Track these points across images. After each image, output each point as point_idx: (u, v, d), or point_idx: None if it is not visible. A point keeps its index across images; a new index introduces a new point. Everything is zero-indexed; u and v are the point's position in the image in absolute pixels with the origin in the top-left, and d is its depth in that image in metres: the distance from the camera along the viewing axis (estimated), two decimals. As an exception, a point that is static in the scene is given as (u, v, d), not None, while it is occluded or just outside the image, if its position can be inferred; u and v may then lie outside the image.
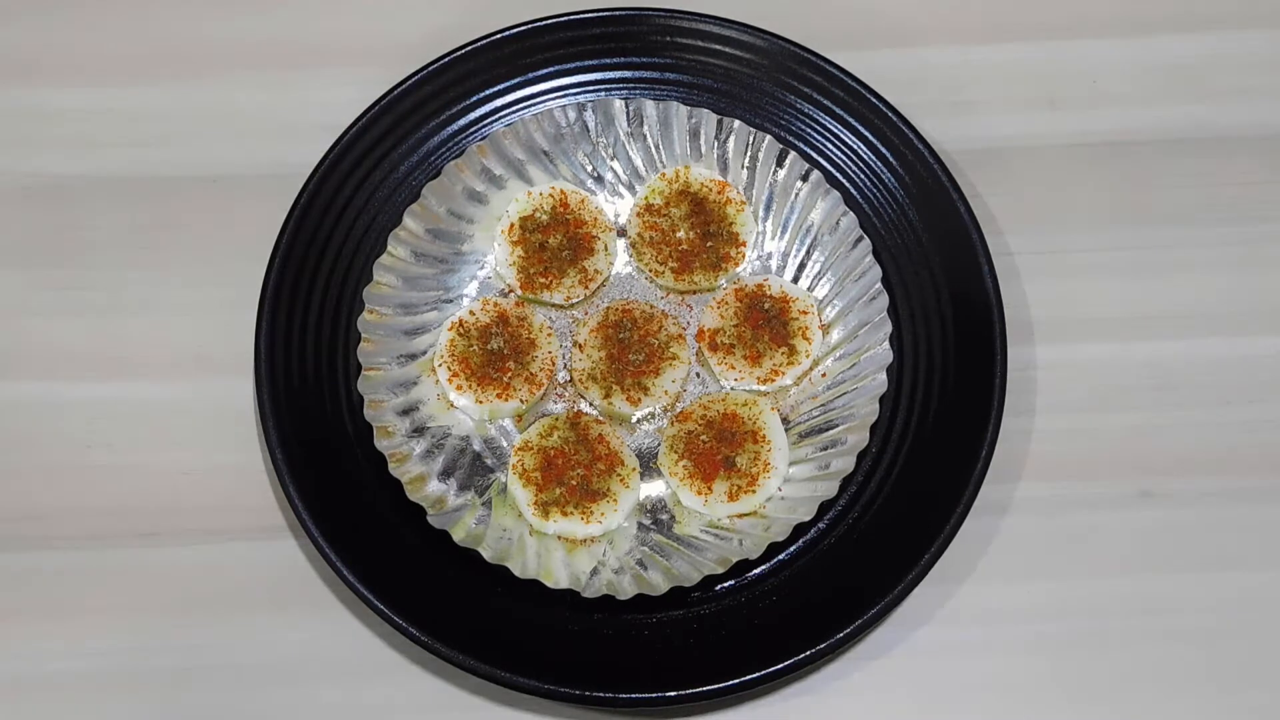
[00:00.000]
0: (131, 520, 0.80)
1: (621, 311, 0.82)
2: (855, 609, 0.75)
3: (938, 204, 0.83)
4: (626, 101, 0.84)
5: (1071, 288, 0.85)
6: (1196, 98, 0.89)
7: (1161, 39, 0.90)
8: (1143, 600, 0.79)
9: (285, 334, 0.80)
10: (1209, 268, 0.85)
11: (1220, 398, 0.82)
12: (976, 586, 0.79)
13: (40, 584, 0.79)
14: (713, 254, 0.83)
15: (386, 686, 0.77)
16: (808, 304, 0.82)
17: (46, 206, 0.86)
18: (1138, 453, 0.81)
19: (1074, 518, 0.80)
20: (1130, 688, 0.77)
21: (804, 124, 0.85)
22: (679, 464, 0.79)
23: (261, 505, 0.80)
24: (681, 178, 0.84)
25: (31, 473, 0.81)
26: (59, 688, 0.77)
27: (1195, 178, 0.87)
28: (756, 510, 0.78)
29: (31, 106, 0.88)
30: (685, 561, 0.76)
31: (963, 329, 0.81)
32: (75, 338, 0.83)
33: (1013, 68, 0.90)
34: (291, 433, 0.78)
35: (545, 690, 0.73)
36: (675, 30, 0.86)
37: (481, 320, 0.81)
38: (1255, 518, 0.80)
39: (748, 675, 0.74)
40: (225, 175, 0.87)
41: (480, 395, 0.80)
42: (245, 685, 0.77)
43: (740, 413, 0.79)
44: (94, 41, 0.90)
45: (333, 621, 0.78)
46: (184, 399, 0.82)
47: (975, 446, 0.77)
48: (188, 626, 0.78)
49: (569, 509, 0.77)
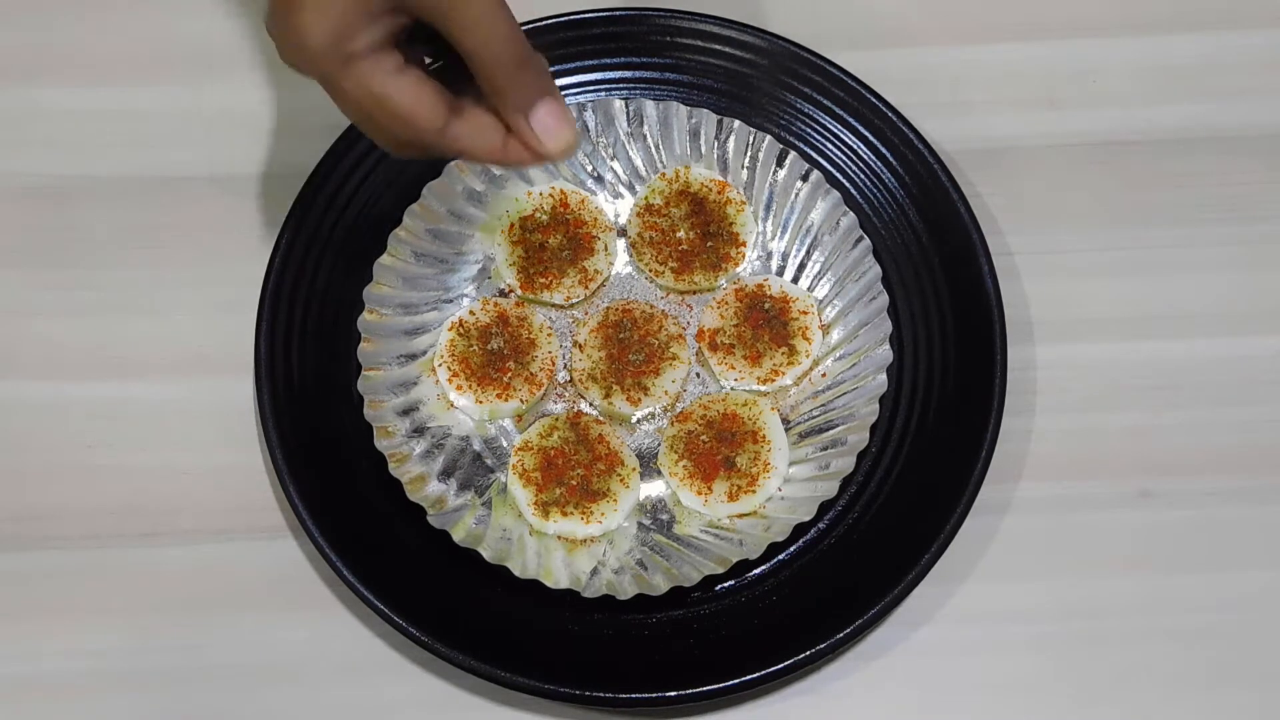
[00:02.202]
0: (131, 520, 0.80)
1: (621, 311, 0.82)
2: (855, 609, 0.75)
3: (938, 204, 0.83)
4: (626, 101, 0.84)
5: (1071, 288, 0.85)
6: (1196, 98, 0.89)
7: (1161, 39, 0.90)
8: (1143, 600, 0.79)
9: (285, 334, 0.80)
10: (1209, 268, 0.85)
11: (1220, 398, 0.82)
12: (976, 586, 0.79)
13: (40, 584, 0.79)
14: (713, 254, 0.83)
15: (386, 686, 0.77)
16: (808, 304, 0.82)
17: (46, 206, 0.86)
18: (1138, 453, 0.81)
19: (1074, 518, 0.80)
20: (1130, 688, 0.77)
21: (804, 124, 0.85)
22: (679, 464, 0.79)
23: (261, 505, 0.80)
24: (681, 178, 0.84)
25: (31, 473, 0.81)
26: (59, 688, 0.77)
27: (1195, 178, 0.87)
28: (756, 510, 0.78)
29: (31, 106, 0.88)
30: (685, 561, 0.76)
31: (963, 329, 0.81)
32: (75, 338, 0.83)
33: (1013, 68, 0.90)
34: (291, 433, 0.78)
35: (545, 690, 0.73)
36: (675, 30, 0.86)
37: (481, 320, 0.81)
38: (1255, 518, 0.80)
39: (748, 675, 0.74)
40: (225, 175, 0.87)
41: (480, 395, 0.80)
42: (245, 685, 0.77)
43: (740, 413, 0.79)
44: (94, 41, 0.90)
45: (333, 621, 0.78)
46: (184, 399, 0.82)
47: (975, 446, 0.77)
48: (188, 626, 0.78)
49: (569, 509, 0.77)
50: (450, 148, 0.66)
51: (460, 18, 0.63)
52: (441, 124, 0.65)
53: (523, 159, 0.67)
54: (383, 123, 0.65)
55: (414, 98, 0.64)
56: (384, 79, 0.64)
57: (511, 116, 0.66)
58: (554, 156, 0.67)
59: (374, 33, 0.63)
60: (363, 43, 0.63)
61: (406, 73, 0.65)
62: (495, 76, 0.64)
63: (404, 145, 0.67)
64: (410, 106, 0.64)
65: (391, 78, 0.64)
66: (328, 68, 0.64)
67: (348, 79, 0.64)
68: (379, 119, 0.65)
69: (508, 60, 0.64)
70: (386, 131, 0.66)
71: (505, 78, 0.64)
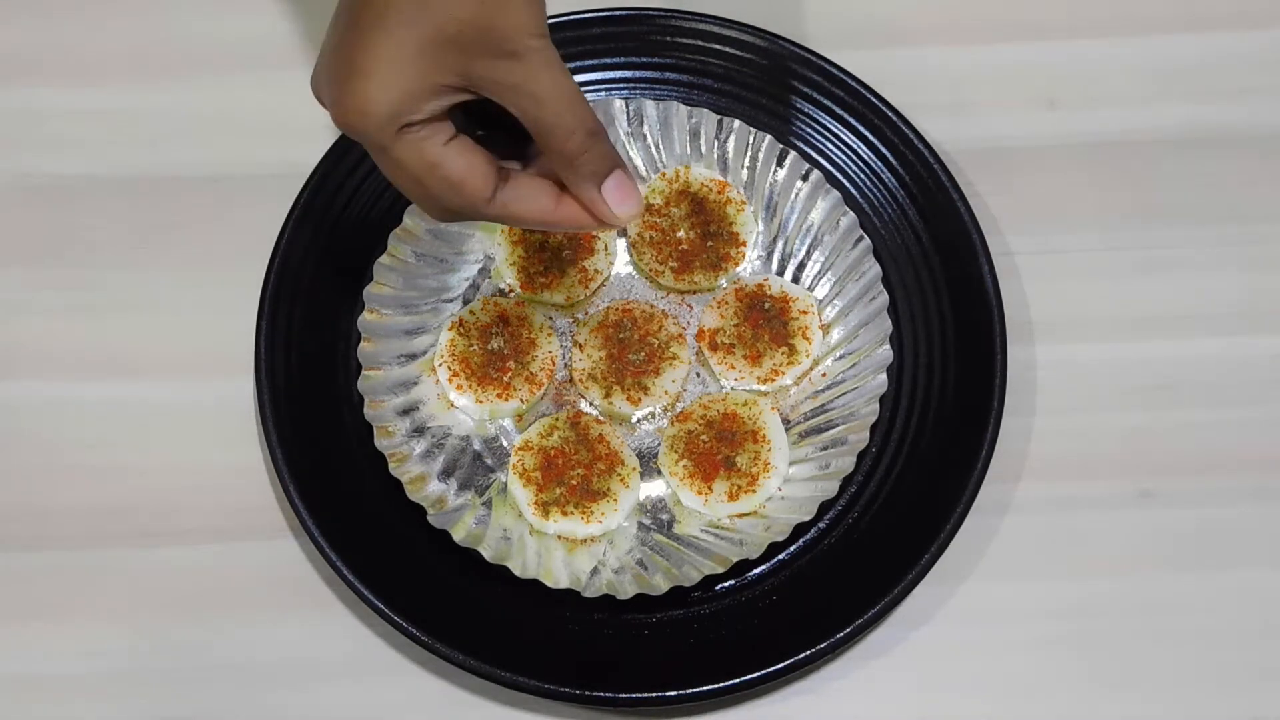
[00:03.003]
0: (131, 520, 0.80)
1: (621, 311, 0.82)
2: (855, 609, 0.75)
3: (938, 204, 0.83)
4: (626, 101, 0.84)
5: (1071, 288, 0.85)
6: (1196, 98, 0.89)
7: (1161, 39, 0.90)
8: (1143, 600, 0.79)
9: (285, 334, 0.80)
10: (1209, 268, 0.85)
11: (1220, 398, 0.82)
12: (976, 586, 0.79)
13: (40, 584, 0.79)
14: (713, 254, 0.83)
15: (386, 686, 0.77)
16: (808, 304, 0.82)
17: (46, 206, 0.86)
18: (1138, 453, 0.81)
19: (1074, 518, 0.80)
20: (1130, 687, 0.77)
21: (804, 124, 0.85)
22: (679, 464, 0.79)
23: (261, 505, 0.80)
24: (681, 178, 0.84)
25: (31, 473, 0.81)
26: (59, 688, 0.77)
27: (1195, 178, 0.87)
28: (757, 510, 0.78)
29: (32, 106, 0.88)
30: (685, 561, 0.76)
31: (963, 329, 0.81)
32: (75, 338, 0.83)
33: (1013, 68, 0.90)
34: (291, 433, 0.78)
35: (545, 690, 0.73)
36: (675, 30, 0.86)
37: (481, 320, 0.81)
38: (1255, 518, 0.80)
39: (748, 675, 0.74)
40: (225, 175, 0.87)
41: (480, 395, 0.80)
42: (245, 685, 0.77)
43: (740, 413, 0.79)
44: (94, 41, 0.90)
45: (333, 621, 0.78)
46: (184, 399, 0.82)
47: (975, 446, 0.77)
48: (188, 626, 0.78)
49: (569, 509, 0.77)
50: (499, 213, 0.66)
51: (533, 91, 0.63)
52: (491, 192, 0.66)
53: (580, 223, 0.67)
54: (434, 190, 0.65)
55: (466, 165, 0.65)
56: (437, 148, 0.64)
57: (582, 186, 0.66)
58: (623, 224, 0.67)
59: (434, 106, 0.63)
60: (422, 115, 0.63)
61: (458, 141, 0.65)
62: (569, 148, 0.64)
63: (450, 212, 0.67)
64: (462, 174, 0.65)
65: (444, 147, 0.64)
66: (383, 138, 0.64)
67: (401, 149, 0.64)
68: (430, 186, 0.65)
69: (582, 132, 0.64)
70: (436, 199, 0.66)
71: (579, 148, 0.64)
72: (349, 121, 0.64)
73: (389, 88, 0.63)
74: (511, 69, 0.63)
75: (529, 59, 0.63)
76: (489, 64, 0.63)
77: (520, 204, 0.67)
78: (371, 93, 0.63)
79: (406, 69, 0.62)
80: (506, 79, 0.63)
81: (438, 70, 0.63)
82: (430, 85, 0.63)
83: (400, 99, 0.63)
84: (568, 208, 0.67)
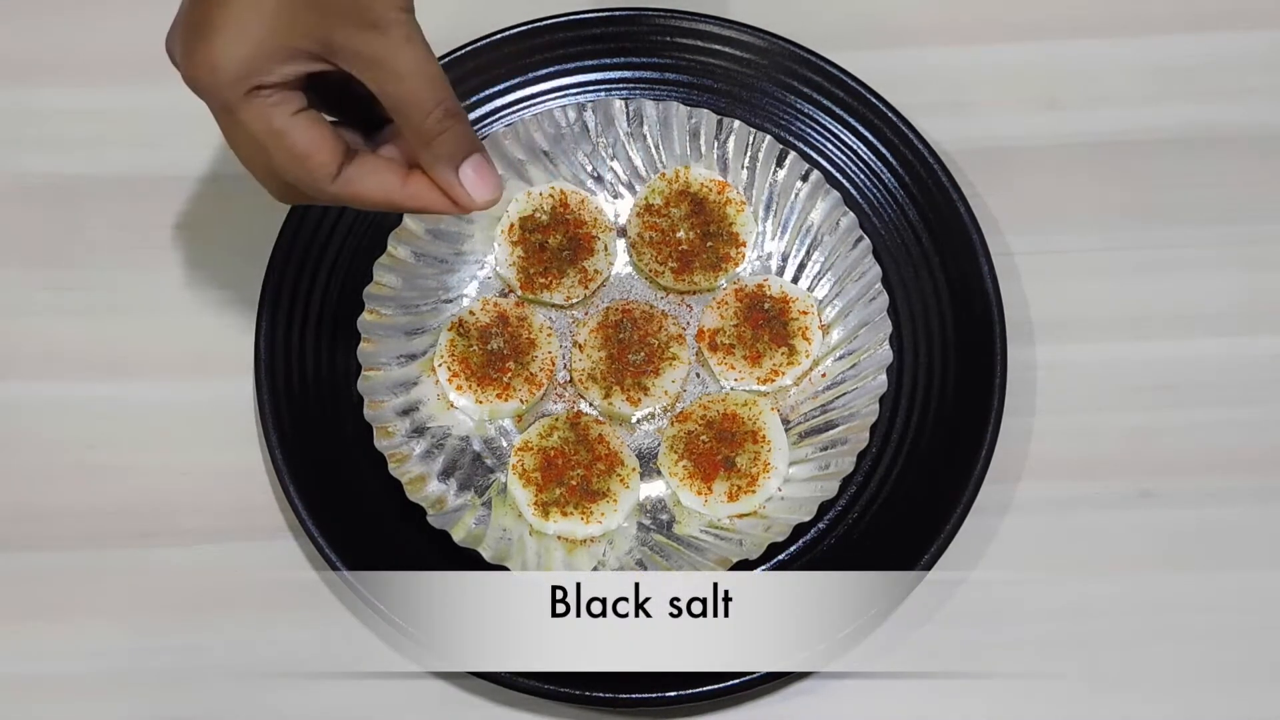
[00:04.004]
0: (131, 520, 0.80)
1: (621, 311, 0.82)
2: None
3: (938, 204, 0.83)
4: (626, 101, 0.84)
5: (1071, 288, 0.85)
6: (1196, 98, 0.89)
7: (1161, 39, 0.90)
8: (1143, 600, 0.79)
9: (285, 334, 0.80)
10: (1209, 268, 0.85)
11: (1220, 398, 0.82)
12: (976, 587, 0.79)
13: (40, 584, 0.79)
14: (713, 254, 0.83)
15: (386, 686, 0.77)
16: (808, 304, 0.82)
17: (46, 206, 0.86)
18: (1138, 453, 0.81)
19: (1074, 518, 0.80)
20: (1130, 687, 0.77)
21: (804, 124, 0.85)
22: (679, 464, 0.79)
23: (261, 505, 0.80)
24: (681, 178, 0.84)
25: (31, 473, 0.81)
26: (59, 688, 0.77)
27: (1195, 178, 0.87)
28: (756, 510, 0.78)
29: (31, 106, 0.88)
30: (685, 561, 0.76)
31: (963, 329, 0.81)
32: (75, 338, 0.83)
33: (1013, 68, 0.90)
34: (291, 433, 0.78)
35: (545, 690, 0.73)
36: (675, 30, 0.86)
37: (481, 320, 0.81)
38: (1255, 518, 0.80)
39: (748, 675, 0.74)
40: (225, 175, 0.87)
41: (480, 395, 0.80)
42: (245, 685, 0.77)
43: (740, 413, 0.79)
44: (94, 41, 0.90)
45: (332, 621, 0.78)
46: (184, 399, 0.82)
47: (975, 446, 0.77)
48: (188, 626, 0.78)
49: (569, 509, 0.77)
50: (342, 191, 0.64)
51: (393, 65, 0.61)
52: (336, 168, 0.64)
53: (431, 205, 0.65)
54: (277, 160, 0.63)
55: (313, 138, 0.63)
56: (286, 116, 0.62)
57: (439, 167, 0.64)
58: (478, 208, 0.66)
59: (286, 71, 0.62)
60: (274, 78, 0.62)
61: (307, 114, 0.63)
62: (427, 126, 0.63)
63: (289, 189, 0.65)
64: (307, 146, 0.63)
65: (293, 116, 0.63)
66: (230, 96, 0.62)
67: (247, 111, 0.62)
68: (273, 156, 0.63)
69: (440, 111, 0.63)
70: (276, 171, 0.64)
71: (437, 128, 0.63)
72: (197, 77, 0.62)
73: (241, 43, 0.61)
74: (371, 40, 0.61)
75: (391, 31, 0.61)
76: (349, 33, 0.61)
77: (365, 181, 0.64)
78: (223, 48, 0.61)
79: (261, 27, 0.60)
80: (366, 50, 0.61)
81: (294, 32, 0.61)
82: (284, 47, 0.61)
83: (252, 57, 0.61)
84: (416, 187, 0.65)
